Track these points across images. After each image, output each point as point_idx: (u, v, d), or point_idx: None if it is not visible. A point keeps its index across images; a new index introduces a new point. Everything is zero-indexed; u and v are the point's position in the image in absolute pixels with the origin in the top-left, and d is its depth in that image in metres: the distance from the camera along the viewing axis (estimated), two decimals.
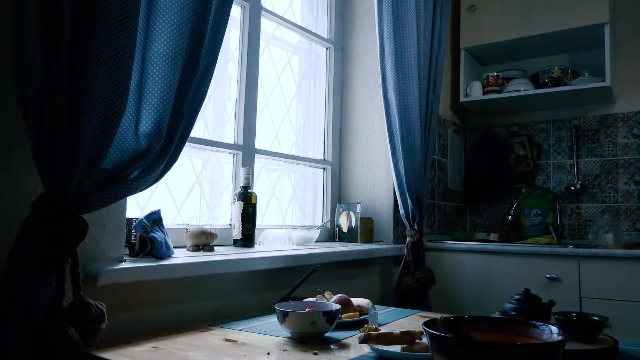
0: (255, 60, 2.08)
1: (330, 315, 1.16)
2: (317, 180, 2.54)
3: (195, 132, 1.82)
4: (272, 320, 1.35)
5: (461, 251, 2.44)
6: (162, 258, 1.33)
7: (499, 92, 2.84)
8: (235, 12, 2.04)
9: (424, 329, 0.79)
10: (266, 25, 2.21)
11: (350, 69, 2.63)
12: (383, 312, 1.54)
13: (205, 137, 1.90)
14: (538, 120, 3.01)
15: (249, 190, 1.82)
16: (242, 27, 2.06)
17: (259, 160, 2.10)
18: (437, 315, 1.02)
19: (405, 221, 2.29)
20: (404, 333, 1.03)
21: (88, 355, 1.00)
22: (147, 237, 1.32)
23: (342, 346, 1.13)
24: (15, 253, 0.91)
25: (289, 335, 1.19)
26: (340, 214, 2.44)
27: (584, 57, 2.83)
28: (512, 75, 2.92)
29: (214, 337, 1.19)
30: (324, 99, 2.58)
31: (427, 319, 0.85)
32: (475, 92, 2.90)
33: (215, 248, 1.65)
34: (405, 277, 2.26)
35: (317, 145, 2.55)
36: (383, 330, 1.10)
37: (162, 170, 1.18)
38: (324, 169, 2.55)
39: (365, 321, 1.31)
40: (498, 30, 2.80)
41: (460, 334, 0.84)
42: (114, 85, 1.00)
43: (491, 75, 2.87)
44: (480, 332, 0.86)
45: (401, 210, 2.29)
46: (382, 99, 2.23)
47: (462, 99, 2.92)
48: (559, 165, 2.93)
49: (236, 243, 1.81)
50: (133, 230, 1.34)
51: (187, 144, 1.27)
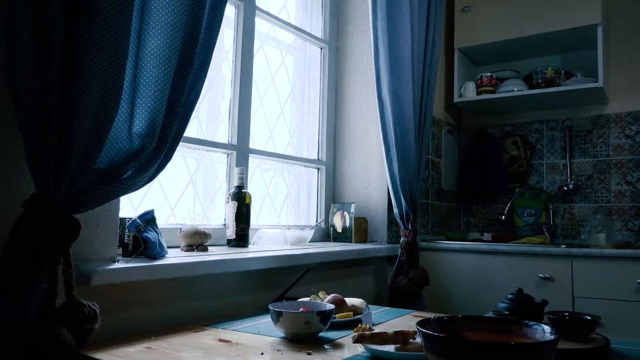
0: (250, 59, 2.08)
1: (324, 315, 1.16)
2: (311, 180, 2.54)
3: (189, 132, 1.82)
4: (266, 320, 1.35)
5: (455, 251, 2.45)
6: (155, 258, 1.33)
7: (493, 92, 2.85)
8: (230, 12, 2.04)
9: (418, 329, 0.79)
10: (260, 24, 2.20)
11: (345, 69, 2.63)
12: (377, 312, 1.54)
13: (199, 137, 1.89)
14: (531, 120, 3.02)
15: (243, 190, 1.82)
16: (237, 27, 2.06)
17: (253, 160, 2.10)
18: (431, 315, 1.02)
19: (399, 221, 2.30)
20: (397, 333, 1.03)
21: (81, 356, 1.00)
22: (141, 237, 1.32)
23: (336, 346, 1.13)
24: (6, 253, 0.91)
25: (283, 335, 1.19)
26: (334, 213, 2.44)
27: (576, 58, 2.85)
28: (505, 75, 2.93)
29: (207, 337, 1.19)
30: (319, 99, 2.58)
31: (420, 319, 0.85)
32: (469, 92, 2.91)
33: (209, 248, 1.65)
34: (399, 277, 2.27)
35: (311, 145, 2.55)
36: (377, 330, 1.10)
37: (155, 170, 1.17)
38: (318, 169, 2.55)
39: (359, 321, 1.31)
40: (492, 31, 2.81)
41: (454, 334, 0.84)
42: (107, 84, 1.00)
43: (485, 76, 2.88)
44: (473, 332, 0.86)
45: (395, 210, 2.29)
46: (377, 99, 2.23)
47: (456, 99, 2.93)
48: (552, 165, 2.94)
49: (230, 243, 1.81)
50: (126, 230, 1.33)
51: (180, 143, 1.27)
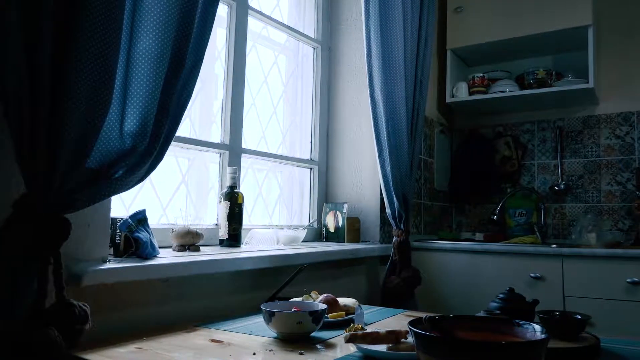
0: (242, 59, 2.07)
1: (317, 315, 1.16)
2: (304, 180, 2.54)
3: (181, 132, 1.81)
4: (259, 320, 1.35)
5: (447, 251, 2.46)
6: (147, 258, 1.32)
7: (485, 93, 2.86)
8: (222, 11, 2.04)
9: (409, 328, 0.79)
10: (253, 24, 2.20)
11: (338, 69, 2.64)
12: (369, 312, 1.54)
13: (191, 137, 1.89)
14: (523, 121, 3.04)
15: (235, 190, 1.81)
16: (229, 26, 2.05)
17: (245, 160, 2.10)
18: (423, 315, 1.03)
19: (391, 221, 2.30)
20: (389, 332, 1.04)
21: (71, 356, 0.99)
22: (132, 237, 1.31)
23: (328, 346, 1.13)
24: None
25: (275, 335, 1.19)
26: (327, 213, 2.44)
27: (567, 59, 2.87)
28: (497, 76, 2.95)
29: (199, 337, 1.18)
30: (311, 99, 2.58)
31: (412, 318, 0.85)
32: (461, 92, 2.92)
33: (202, 248, 1.65)
34: (391, 277, 2.27)
35: (304, 145, 2.55)
36: (369, 329, 1.10)
37: (147, 169, 1.17)
38: (311, 169, 2.55)
39: (352, 321, 1.31)
40: (484, 32, 2.83)
41: (445, 333, 0.85)
42: (98, 84, 0.99)
43: (477, 76, 2.90)
44: (465, 331, 0.87)
45: (388, 210, 2.29)
46: (369, 99, 2.23)
47: (448, 99, 2.94)
48: (543, 165, 2.96)
49: (222, 243, 1.81)
50: (118, 230, 1.33)
51: (173, 143, 1.27)
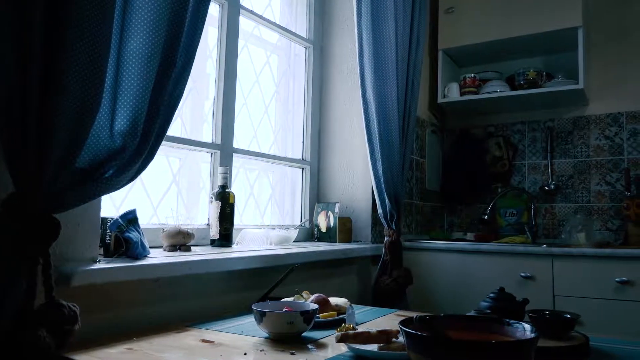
0: (234, 59, 2.07)
1: (308, 315, 1.16)
2: (295, 180, 2.54)
3: (172, 131, 1.80)
4: (250, 320, 1.35)
5: (438, 250, 2.47)
6: (137, 258, 1.31)
7: (476, 93, 2.88)
8: (214, 10, 2.03)
9: (400, 328, 0.79)
10: (245, 23, 2.20)
11: (330, 69, 2.64)
12: (360, 312, 1.54)
13: (182, 136, 1.88)
14: (514, 121, 3.06)
15: (226, 190, 1.81)
16: (221, 26, 2.05)
17: (237, 160, 2.09)
18: (414, 314, 1.03)
19: (383, 221, 2.31)
20: (380, 332, 1.04)
21: (60, 357, 0.98)
22: (122, 237, 1.30)
23: (320, 346, 1.13)
24: None
25: (267, 335, 1.19)
26: (318, 213, 2.44)
27: (558, 60, 2.89)
28: (488, 76, 2.96)
29: (190, 337, 1.18)
30: (303, 99, 2.58)
31: (403, 318, 0.85)
32: (452, 93, 2.93)
33: (193, 248, 1.64)
34: (383, 277, 2.28)
35: (295, 145, 2.55)
36: (360, 329, 1.10)
37: (137, 169, 1.16)
38: (303, 169, 2.55)
39: (343, 320, 1.32)
40: (475, 33, 2.84)
41: (436, 333, 0.85)
42: (89, 82, 0.99)
43: (468, 77, 2.91)
44: (455, 331, 0.87)
45: (379, 210, 2.30)
46: (361, 99, 2.23)
47: (439, 99, 2.95)
48: (534, 165, 2.98)
49: (214, 243, 1.80)
50: (108, 230, 1.32)
51: (164, 142, 1.26)
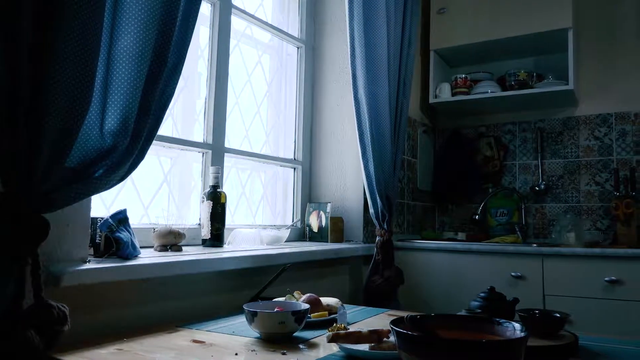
0: (226, 58, 2.06)
1: (299, 315, 1.16)
2: (287, 180, 2.53)
3: (163, 131, 1.80)
4: (241, 320, 1.35)
5: (430, 250, 2.48)
6: (128, 258, 1.31)
7: (467, 93, 2.89)
8: (205, 9, 2.02)
9: (391, 328, 0.79)
10: (237, 23, 2.19)
11: (321, 68, 2.64)
12: (352, 311, 1.55)
13: (173, 136, 1.87)
14: (504, 122, 3.07)
15: (218, 190, 1.80)
16: (212, 25, 2.04)
17: (228, 159, 2.08)
18: (405, 314, 1.03)
19: (375, 221, 2.31)
20: (372, 332, 1.04)
21: (49, 358, 0.98)
22: (113, 237, 1.30)
23: (311, 345, 1.13)
24: None
25: (258, 335, 1.18)
26: (310, 213, 2.44)
27: (548, 61, 2.91)
28: (479, 77, 2.98)
29: (181, 338, 1.18)
30: (295, 99, 2.58)
31: (394, 318, 0.86)
32: (444, 93, 2.94)
33: (184, 248, 1.63)
34: (374, 276, 2.28)
35: (287, 145, 2.55)
36: (352, 329, 1.11)
37: (128, 168, 1.15)
38: (295, 169, 2.55)
39: (334, 320, 1.32)
40: (467, 33, 2.85)
41: (426, 332, 0.85)
42: (78, 81, 0.98)
43: (459, 77, 2.92)
44: (446, 330, 0.88)
45: (371, 210, 2.30)
46: (353, 99, 2.24)
47: (431, 100, 2.96)
48: (524, 166, 3.00)
49: (205, 243, 1.79)
50: (98, 230, 1.31)
51: (155, 142, 1.26)
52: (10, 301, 0.91)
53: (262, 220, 2.35)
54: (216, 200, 1.78)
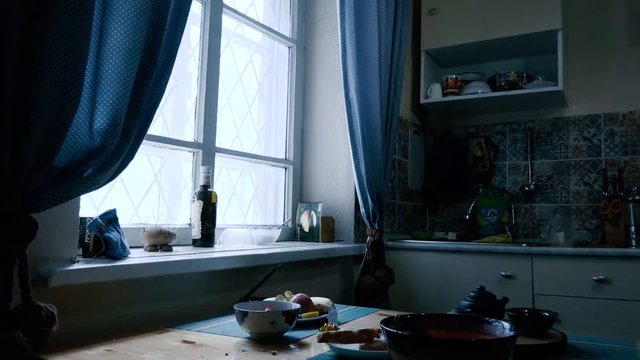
0: (216, 57, 2.05)
1: (290, 315, 1.16)
2: (278, 180, 2.53)
3: (154, 130, 1.79)
4: (231, 320, 1.34)
5: (420, 250, 2.49)
6: (117, 258, 1.30)
7: (458, 94, 2.90)
8: (196, 8, 2.01)
9: (382, 327, 0.80)
10: (228, 22, 2.18)
11: (313, 68, 2.64)
12: (343, 311, 1.55)
13: (164, 135, 1.86)
14: (494, 122, 3.09)
15: (209, 189, 1.79)
16: (203, 24, 2.03)
17: (219, 159, 2.08)
18: (396, 313, 1.04)
19: (365, 220, 2.32)
20: (362, 331, 1.04)
21: (38, 359, 0.97)
22: (102, 237, 1.29)
23: (302, 345, 1.13)
24: None
25: (248, 335, 1.18)
26: (301, 213, 2.44)
27: (538, 62, 2.93)
28: (470, 78, 3.00)
29: (171, 338, 1.17)
30: (286, 98, 2.57)
31: (385, 317, 0.86)
32: (435, 93, 2.95)
33: (174, 248, 1.63)
34: (365, 276, 2.28)
35: (279, 145, 2.54)
36: (342, 329, 1.11)
37: (117, 168, 1.15)
38: (286, 168, 2.55)
39: (325, 320, 1.32)
40: (457, 34, 2.87)
41: (417, 332, 0.86)
42: (67, 80, 0.97)
43: (450, 78, 2.93)
44: (436, 329, 0.88)
45: (362, 210, 2.31)
46: (344, 99, 2.24)
47: (422, 100, 2.97)
48: (514, 166, 3.02)
49: (195, 243, 1.79)
50: (87, 230, 1.30)
51: (145, 141, 1.25)
52: None
53: (253, 220, 2.35)
54: (207, 200, 1.77)
